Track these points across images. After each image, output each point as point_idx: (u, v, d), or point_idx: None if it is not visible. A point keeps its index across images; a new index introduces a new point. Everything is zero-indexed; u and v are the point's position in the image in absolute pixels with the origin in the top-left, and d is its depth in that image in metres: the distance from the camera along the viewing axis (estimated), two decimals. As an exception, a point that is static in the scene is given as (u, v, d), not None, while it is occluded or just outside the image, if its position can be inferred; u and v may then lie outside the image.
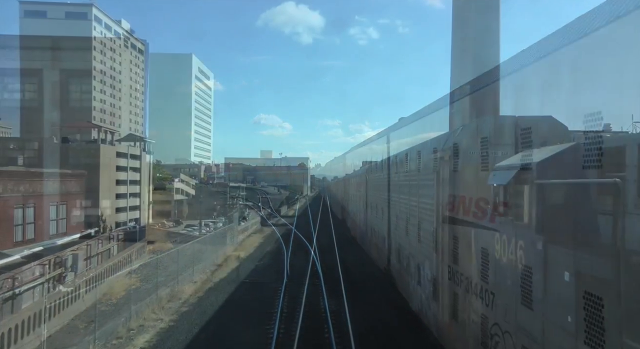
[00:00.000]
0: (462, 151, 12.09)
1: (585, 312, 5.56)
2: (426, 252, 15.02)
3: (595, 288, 5.46)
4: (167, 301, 19.60)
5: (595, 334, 5.32)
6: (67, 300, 14.35)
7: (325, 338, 14.99)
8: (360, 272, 26.24)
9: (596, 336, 5.31)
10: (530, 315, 7.20)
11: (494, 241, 8.77)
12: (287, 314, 18.00)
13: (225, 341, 15.13)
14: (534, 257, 7.06)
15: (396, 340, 15.17)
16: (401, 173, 20.27)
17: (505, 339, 8.25)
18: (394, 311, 18.74)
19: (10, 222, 28.78)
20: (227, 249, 32.38)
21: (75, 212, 35.93)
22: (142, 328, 16.54)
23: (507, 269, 8.22)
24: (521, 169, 7.66)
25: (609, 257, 5.27)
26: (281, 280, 24.65)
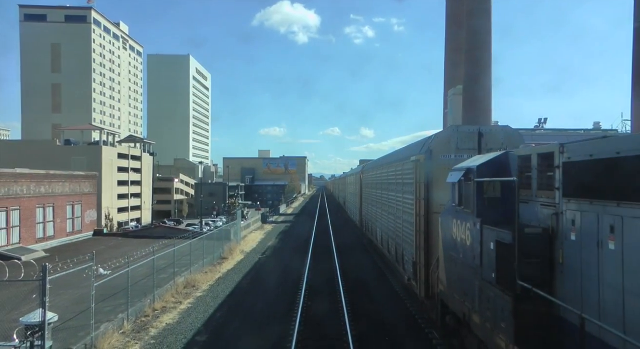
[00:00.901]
0: (434, 155, 14.67)
1: (498, 268, 8.28)
2: (408, 239, 17.64)
3: (504, 251, 8.14)
4: (183, 287, 22.08)
5: (504, 280, 8.03)
6: (107, 283, 16.85)
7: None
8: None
9: (506, 278, 8.03)
10: (472, 277, 9.84)
11: (454, 225, 11.37)
12: (290, 295, 20.47)
13: (235, 322, 17.63)
14: (474, 235, 9.65)
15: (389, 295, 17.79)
16: (389, 172, 22.85)
17: (454, 293, 10.95)
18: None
19: (33, 220, 31.26)
20: (231, 244, 34.80)
21: (88, 211, 38.40)
22: (164, 309, 19.05)
23: (460, 246, 10.83)
24: (467, 170, 10.22)
25: (511, 230, 7.90)
26: (282, 267, 27.30)
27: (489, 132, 14.68)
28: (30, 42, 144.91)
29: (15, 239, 29.70)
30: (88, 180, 39.17)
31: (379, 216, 27.25)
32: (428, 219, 14.82)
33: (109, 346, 14.44)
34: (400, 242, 19.58)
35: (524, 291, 7.57)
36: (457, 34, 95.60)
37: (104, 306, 16.87)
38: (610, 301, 6.31)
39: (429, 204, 14.85)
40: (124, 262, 18.32)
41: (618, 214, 6.12)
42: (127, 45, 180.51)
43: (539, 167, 8.30)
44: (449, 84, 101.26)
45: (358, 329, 15.71)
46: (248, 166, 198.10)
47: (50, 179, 33.28)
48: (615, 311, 6.18)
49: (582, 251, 6.97)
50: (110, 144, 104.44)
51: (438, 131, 15.67)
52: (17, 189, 29.48)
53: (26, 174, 30.85)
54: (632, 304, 5.88)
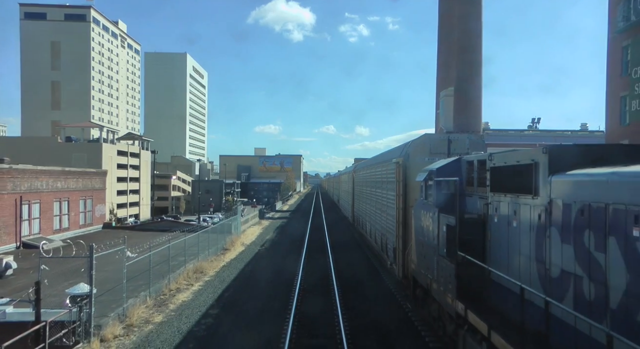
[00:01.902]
0: (411, 158, 17.54)
1: (447, 245, 11.21)
2: (390, 230, 20.53)
3: (451, 232, 11.04)
4: (193, 273, 24.89)
5: (451, 253, 10.93)
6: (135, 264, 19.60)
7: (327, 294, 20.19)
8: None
9: (452, 252, 10.91)
10: (433, 254, 12.74)
11: (423, 216, 14.24)
12: (287, 281, 23.26)
13: (241, 299, 20.45)
14: (434, 221, 12.53)
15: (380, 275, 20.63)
16: (377, 172, 25.72)
17: (421, 269, 13.86)
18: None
19: (51, 213, 33.95)
20: (232, 237, 37.50)
21: (98, 206, 41.08)
22: (179, 289, 21.85)
23: (426, 232, 13.72)
24: (429, 172, 13.09)
25: (453, 214, 10.80)
26: (280, 257, 30.14)
27: (457, 140, 17.57)
28: (30, 40, 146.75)
29: (36, 230, 32.39)
30: (98, 177, 41.84)
31: (369, 212, 30.15)
32: (406, 212, 17.72)
33: (138, 315, 17.24)
34: (385, 233, 22.48)
35: (464, 260, 10.45)
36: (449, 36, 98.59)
37: (127, 285, 19.63)
38: (514, 263, 9.20)
39: (406, 200, 17.75)
40: (145, 248, 21.11)
41: (517, 203, 9.02)
42: (126, 43, 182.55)
43: (478, 170, 11.20)
44: (441, 85, 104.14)
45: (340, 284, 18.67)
46: (244, 164, 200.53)
47: (66, 175, 35.95)
48: (517, 269, 9.07)
49: (500, 229, 9.88)
50: (110, 141, 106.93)
51: (415, 138, 18.53)
52: (38, 185, 32.15)
53: (46, 171, 33.52)
54: (524, 264, 8.78)
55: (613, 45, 42.25)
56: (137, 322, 16.79)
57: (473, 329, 9.69)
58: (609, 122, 44.30)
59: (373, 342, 14.62)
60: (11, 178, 29.58)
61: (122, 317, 16.85)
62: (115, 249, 17.80)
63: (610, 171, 6.38)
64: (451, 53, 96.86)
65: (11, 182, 29.54)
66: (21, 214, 30.31)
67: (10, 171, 29.68)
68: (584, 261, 6.74)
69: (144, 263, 20.33)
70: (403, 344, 14.37)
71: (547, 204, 7.85)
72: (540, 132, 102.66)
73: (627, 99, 40.33)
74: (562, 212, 7.40)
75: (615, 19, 41.49)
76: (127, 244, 18.06)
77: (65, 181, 35.54)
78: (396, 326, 16.02)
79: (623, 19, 40.29)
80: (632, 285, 5.69)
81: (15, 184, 29.89)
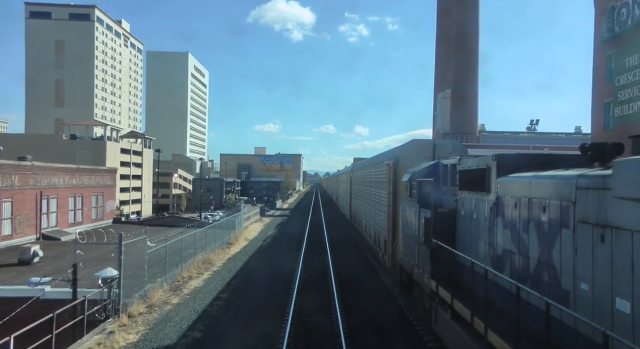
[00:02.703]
0: (400, 161, 19.82)
1: (425, 234, 13.50)
2: (382, 225, 22.82)
3: (428, 223, 13.32)
4: (202, 263, 27.14)
5: (427, 241, 13.21)
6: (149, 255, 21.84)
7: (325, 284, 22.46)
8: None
9: (428, 240, 13.18)
10: (415, 243, 15.03)
11: (407, 210, 16.53)
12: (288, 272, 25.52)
13: (248, 285, 22.71)
14: (416, 215, 14.82)
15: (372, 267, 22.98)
16: (371, 173, 28.00)
17: (406, 257, 16.16)
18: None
19: (66, 208, 36.21)
20: (236, 232, 39.76)
21: (109, 202, 43.33)
22: (190, 277, 24.10)
23: (410, 225, 16.00)
24: (412, 173, 15.37)
25: (430, 208, 13.09)
26: (282, 250, 32.45)
27: (441, 145, 19.86)
28: (35, 39, 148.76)
29: (53, 223, 34.63)
30: (109, 174, 44.09)
31: (364, 209, 32.44)
32: (395, 208, 20.01)
33: (157, 297, 19.51)
34: (378, 228, 24.78)
35: (437, 246, 12.72)
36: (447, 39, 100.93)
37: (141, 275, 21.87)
38: (475, 247, 11.49)
39: (396, 198, 20.04)
40: (160, 239, 23.37)
41: (477, 199, 11.31)
42: (129, 42, 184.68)
43: (451, 172, 13.49)
44: (439, 87, 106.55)
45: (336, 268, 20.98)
46: (244, 163, 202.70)
47: (80, 172, 38.21)
48: (477, 252, 11.35)
49: (466, 220, 12.16)
50: (114, 139, 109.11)
51: (405, 143, 20.79)
52: (55, 181, 34.40)
53: (62, 168, 35.77)
54: (481, 247, 11.06)
55: (598, 54, 44.54)
56: (157, 303, 19.06)
57: (442, 300, 11.97)
58: (594, 126, 46.61)
59: (356, 292, 16.98)
60: (33, 174, 31.82)
61: (144, 298, 19.11)
62: (138, 239, 20.06)
63: (532, 174, 8.67)
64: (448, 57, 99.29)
65: (32, 179, 31.78)
66: (41, 208, 32.54)
67: (32, 168, 31.92)
68: (516, 241, 9.04)
69: (157, 254, 22.55)
70: (377, 298, 16.73)
71: (496, 200, 10.14)
72: (535, 134, 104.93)
73: (610, 106, 42.63)
74: (504, 205, 9.69)
75: (601, 30, 43.79)
76: (140, 237, 20.32)
77: (79, 178, 37.80)
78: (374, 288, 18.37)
79: (608, 29, 42.59)
80: (541, 255, 7.98)
81: (36, 180, 32.13)
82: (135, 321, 16.80)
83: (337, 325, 15.68)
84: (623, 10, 40.82)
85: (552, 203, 7.65)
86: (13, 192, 29.72)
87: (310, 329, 15.84)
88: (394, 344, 14.48)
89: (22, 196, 30.67)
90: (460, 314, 10.47)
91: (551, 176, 8.01)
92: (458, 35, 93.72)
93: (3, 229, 29.09)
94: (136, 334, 15.49)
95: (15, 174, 30.02)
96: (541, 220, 8.00)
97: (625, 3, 40.50)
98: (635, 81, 39.19)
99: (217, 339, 15.29)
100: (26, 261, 24.48)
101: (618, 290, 5.90)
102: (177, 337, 15.37)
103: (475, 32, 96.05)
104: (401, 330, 15.79)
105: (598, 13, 44.96)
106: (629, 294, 5.68)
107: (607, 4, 43.12)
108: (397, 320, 16.92)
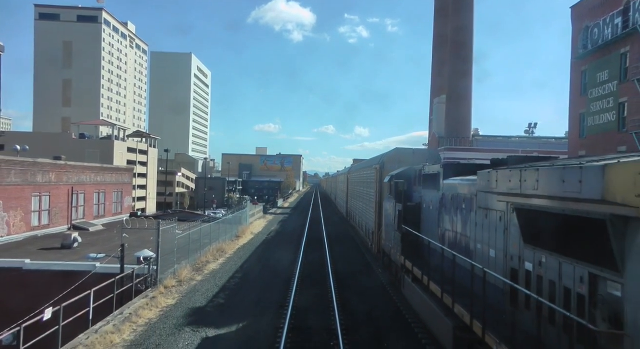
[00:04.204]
0: (385, 166, 24.11)
1: (397, 222, 17.85)
2: (371, 218, 27.12)
3: (400, 214, 17.62)
4: (216, 251, 31.41)
5: (399, 227, 17.58)
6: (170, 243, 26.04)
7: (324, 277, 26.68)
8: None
9: (400, 226, 17.52)
10: (392, 230, 19.34)
11: (387, 205, 20.83)
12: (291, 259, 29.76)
13: (257, 268, 26.95)
14: (393, 208, 19.12)
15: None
16: (363, 174, 32.29)
17: (386, 242, 20.49)
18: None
19: (92, 202, 40.47)
20: (242, 227, 43.98)
21: (126, 197, 47.59)
22: (207, 262, 28.34)
23: (389, 216, 20.30)
24: (391, 176, 19.64)
25: (402, 203, 17.39)
26: (285, 241, 36.75)
27: (419, 152, 24.19)
28: (43, 40, 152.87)
29: (80, 216, 38.85)
30: (127, 172, 48.36)
31: (358, 206, 36.74)
32: (380, 204, 24.30)
33: (184, 275, 23.75)
34: (368, 221, 29.08)
35: (406, 231, 16.98)
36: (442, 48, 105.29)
37: (169, 257, 26.09)
38: (431, 230, 15.77)
39: (381, 195, 24.32)
40: (185, 228, 27.61)
41: (432, 194, 15.60)
42: (134, 43, 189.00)
43: (418, 175, 17.79)
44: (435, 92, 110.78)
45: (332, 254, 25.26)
46: (246, 162, 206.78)
47: (104, 171, 42.48)
48: (432, 233, 15.61)
49: (426, 211, 16.45)
50: (121, 138, 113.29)
51: (389, 150, 25.06)
52: (84, 178, 38.65)
53: (89, 167, 40.04)
54: (434, 230, 15.34)
55: (574, 68, 48.87)
56: (184, 279, 23.32)
57: (407, 270, 16.26)
58: (571, 134, 50.98)
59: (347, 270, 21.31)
60: (65, 172, 36.06)
61: (174, 275, 23.37)
62: (170, 226, 24.34)
63: (460, 178, 12.95)
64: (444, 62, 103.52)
65: (65, 176, 36.00)
66: (71, 202, 36.76)
67: (65, 166, 36.18)
68: (450, 222, 13.32)
69: (179, 242, 26.76)
70: (362, 272, 21.03)
71: (442, 195, 14.42)
72: (526, 138, 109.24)
73: (584, 116, 46.95)
74: (445, 198, 13.97)
75: (577, 46, 48.14)
76: (171, 225, 24.58)
77: (102, 176, 42.07)
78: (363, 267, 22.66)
79: (582, 46, 46.90)
80: (462, 230, 12.26)
81: (68, 177, 36.36)
82: (170, 291, 21.08)
83: (330, 294, 20.01)
84: (595, 30, 45.11)
85: (466, 196, 11.94)
86: (50, 187, 33.95)
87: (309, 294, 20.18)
88: (365, 292, 18.79)
89: (57, 191, 34.89)
90: (417, 277, 14.75)
91: (468, 179, 12.30)
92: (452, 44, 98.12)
93: (42, 218, 33.34)
94: (173, 299, 19.77)
95: (52, 171, 34.26)
96: (461, 207, 12.30)
97: (597, 24, 44.81)
98: (605, 94, 43.51)
99: (236, 303, 19.57)
100: (68, 245, 28.67)
101: (490, 245, 10.20)
102: (205, 301, 19.67)
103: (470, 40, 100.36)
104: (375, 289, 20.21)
105: (575, 30, 49.33)
106: (494, 246, 9.97)
107: (582, 23, 47.47)
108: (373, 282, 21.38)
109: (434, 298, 12.41)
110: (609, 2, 43.39)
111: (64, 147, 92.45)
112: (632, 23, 39.46)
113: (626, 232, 5.60)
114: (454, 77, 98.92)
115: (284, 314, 17.42)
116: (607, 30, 43.35)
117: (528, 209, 8.06)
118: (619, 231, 5.64)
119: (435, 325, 12.03)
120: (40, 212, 33.14)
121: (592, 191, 5.88)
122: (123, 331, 15.31)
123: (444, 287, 11.48)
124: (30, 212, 32.05)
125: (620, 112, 41.61)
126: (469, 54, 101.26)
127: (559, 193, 6.64)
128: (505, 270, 9.27)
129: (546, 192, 7.04)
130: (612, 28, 42.58)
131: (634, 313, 5.50)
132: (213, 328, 16.06)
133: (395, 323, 16.20)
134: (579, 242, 6.62)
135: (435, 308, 12.00)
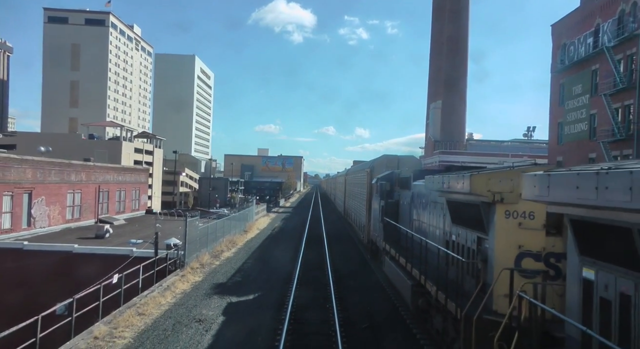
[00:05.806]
0: (374, 170, 28.60)
1: (381, 215, 22.45)
2: (362, 213, 31.67)
3: (383, 208, 22.18)
4: (228, 243, 35.94)
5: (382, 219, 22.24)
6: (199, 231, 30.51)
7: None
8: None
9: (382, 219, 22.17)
10: (378, 222, 23.93)
11: (374, 202, 25.38)
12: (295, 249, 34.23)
13: (265, 256, 31.46)
14: (379, 204, 23.65)
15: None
16: (357, 177, 36.81)
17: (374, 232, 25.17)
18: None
19: (114, 200, 45.01)
20: (248, 223, 48.47)
21: (143, 196, 52.11)
22: (222, 251, 32.86)
23: (375, 211, 24.84)
24: (377, 178, 24.14)
25: (384, 200, 21.93)
26: (288, 236, 41.29)
27: (404, 159, 28.71)
28: (52, 42, 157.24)
29: (105, 211, 43.38)
30: (144, 173, 52.90)
31: (353, 205, 41.27)
32: (369, 202, 28.82)
33: (205, 260, 28.25)
34: (361, 217, 33.62)
35: (387, 221, 21.48)
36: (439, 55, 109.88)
37: (193, 245, 30.53)
38: (405, 221, 20.30)
39: (370, 195, 28.86)
40: (205, 221, 32.11)
41: (405, 193, 20.14)
42: (140, 46, 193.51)
43: (397, 178, 22.32)
44: (432, 97, 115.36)
45: (331, 246, 29.80)
46: (248, 163, 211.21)
47: (124, 171, 47.03)
48: (407, 223, 20.13)
49: (402, 206, 20.98)
50: (128, 139, 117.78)
51: (378, 157, 29.57)
52: (108, 178, 43.17)
53: (112, 167, 44.59)
54: (408, 221, 19.88)
55: (554, 81, 53.48)
56: (205, 263, 27.83)
57: (387, 252, 20.77)
58: (551, 141, 55.55)
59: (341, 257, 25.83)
60: (94, 172, 40.60)
61: (197, 259, 27.89)
62: (193, 218, 28.87)
63: (422, 180, 17.46)
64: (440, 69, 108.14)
65: (93, 175, 40.54)
66: (98, 199, 41.29)
67: (94, 167, 40.73)
68: (418, 214, 17.85)
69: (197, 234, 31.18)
70: (355, 259, 25.55)
71: (412, 194, 18.94)
72: (519, 143, 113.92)
73: (562, 125, 51.44)
74: (415, 196, 18.49)
75: (556, 61, 52.69)
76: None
77: (123, 176, 46.61)
78: (356, 256, 27.17)
79: (560, 62, 51.49)
80: (423, 219, 16.79)
81: (95, 177, 40.88)
82: (196, 271, 25.59)
83: (327, 274, 24.54)
84: (571, 48, 49.73)
85: (425, 194, 16.48)
86: (82, 185, 38.49)
87: (310, 276, 24.69)
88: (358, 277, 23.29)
89: (87, 189, 39.41)
90: (393, 257, 19.27)
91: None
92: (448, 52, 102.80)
93: (75, 213, 37.86)
94: (199, 277, 24.29)
95: (83, 171, 38.79)
96: (422, 202, 16.84)
97: (573, 42, 49.42)
98: (579, 106, 48.09)
99: (251, 281, 24.09)
100: (101, 235, 33.18)
101: (437, 227, 14.72)
102: (226, 279, 24.20)
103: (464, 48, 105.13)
104: (364, 271, 24.73)
105: (554, 47, 53.94)
106: (438, 227, 14.51)
107: (560, 41, 52.07)
108: (363, 267, 25.89)
109: (402, 268, 16.94)
110: (583, 23, 48.09)
111: (74, 148, 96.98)
112: (600, 43, 44.14)
113: (489, 211, 10.13)
114: (449, 85, 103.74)
115: (289, 288, 21.94)
116: (581, 49, 48.04)
117: (454, 201, 12.57)
118: (485, 210, 10.18)
119: (401, 285, 16.57)
120: (74, 207, 37.68)
121: (467, 188, 10.41)
122: (166, 296, 19.84)
123: (408, 259, 16.02)
124: (66, 207, 36.59)
125: (591, 123, 46.29)
126: (464, 62, 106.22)
127: (460, 191, 11.16)
128: (443, 242, 13.81)
129: (456, 190, 11.57)
130: (585, 47, 47.28)
131: (491, 253, 10.07)
132: (235, 296, 20.58)
133: (370, 282, 20.80)
134: (473, 219, 11.14)
135: (402, 274, 16.53)
